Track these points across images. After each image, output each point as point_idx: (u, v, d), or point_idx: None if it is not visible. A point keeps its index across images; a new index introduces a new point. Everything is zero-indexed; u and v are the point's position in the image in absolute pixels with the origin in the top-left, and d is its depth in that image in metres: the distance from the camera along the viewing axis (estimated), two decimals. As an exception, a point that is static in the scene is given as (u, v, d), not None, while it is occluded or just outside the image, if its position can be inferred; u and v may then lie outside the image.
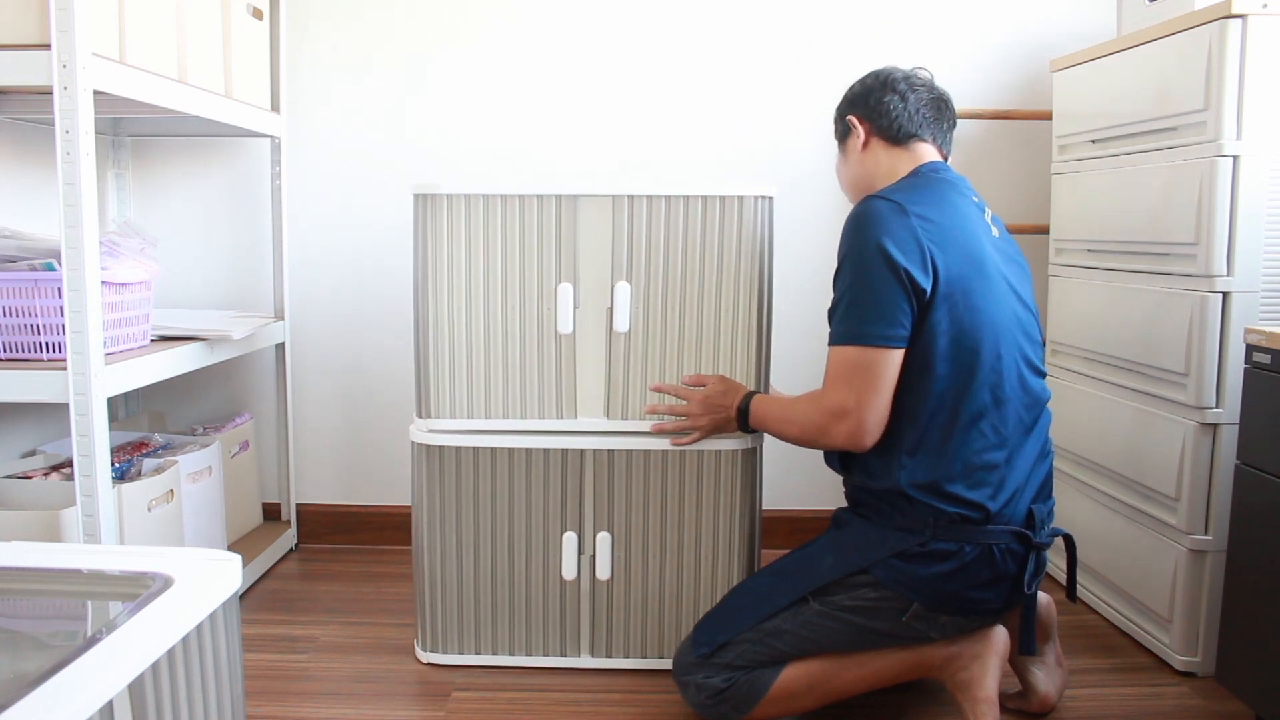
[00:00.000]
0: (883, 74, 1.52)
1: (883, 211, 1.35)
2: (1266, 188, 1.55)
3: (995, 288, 1.37)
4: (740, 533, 1.65)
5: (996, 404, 1.36)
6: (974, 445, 1.35)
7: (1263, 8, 1.51)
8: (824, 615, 1.39)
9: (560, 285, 1.61)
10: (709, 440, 1.62)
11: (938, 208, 1.37)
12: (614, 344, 1.63)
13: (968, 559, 1.34)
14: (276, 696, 1.58)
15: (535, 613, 1.68)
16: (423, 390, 1.65)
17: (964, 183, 1.48)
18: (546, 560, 1.67)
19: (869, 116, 1.51)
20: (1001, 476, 1.36)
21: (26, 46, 1.39)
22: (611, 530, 1.66)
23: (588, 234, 1.60)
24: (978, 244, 1.38)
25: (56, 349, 1.52)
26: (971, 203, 1.44)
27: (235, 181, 2.25)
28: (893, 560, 1.36)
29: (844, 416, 1.35)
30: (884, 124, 1.49)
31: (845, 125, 1.54)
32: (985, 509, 1.34)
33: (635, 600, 1.67)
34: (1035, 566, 1.38)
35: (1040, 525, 1.39)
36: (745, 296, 1.61)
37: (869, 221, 1.35)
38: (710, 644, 1.44)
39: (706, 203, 1.59)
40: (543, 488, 1.65)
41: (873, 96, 1.50)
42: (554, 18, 2.20)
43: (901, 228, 1.33)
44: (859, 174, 1.53)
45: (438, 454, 1.64)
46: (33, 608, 1.04)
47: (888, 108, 1.49)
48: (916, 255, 1.32)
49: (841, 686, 1.42)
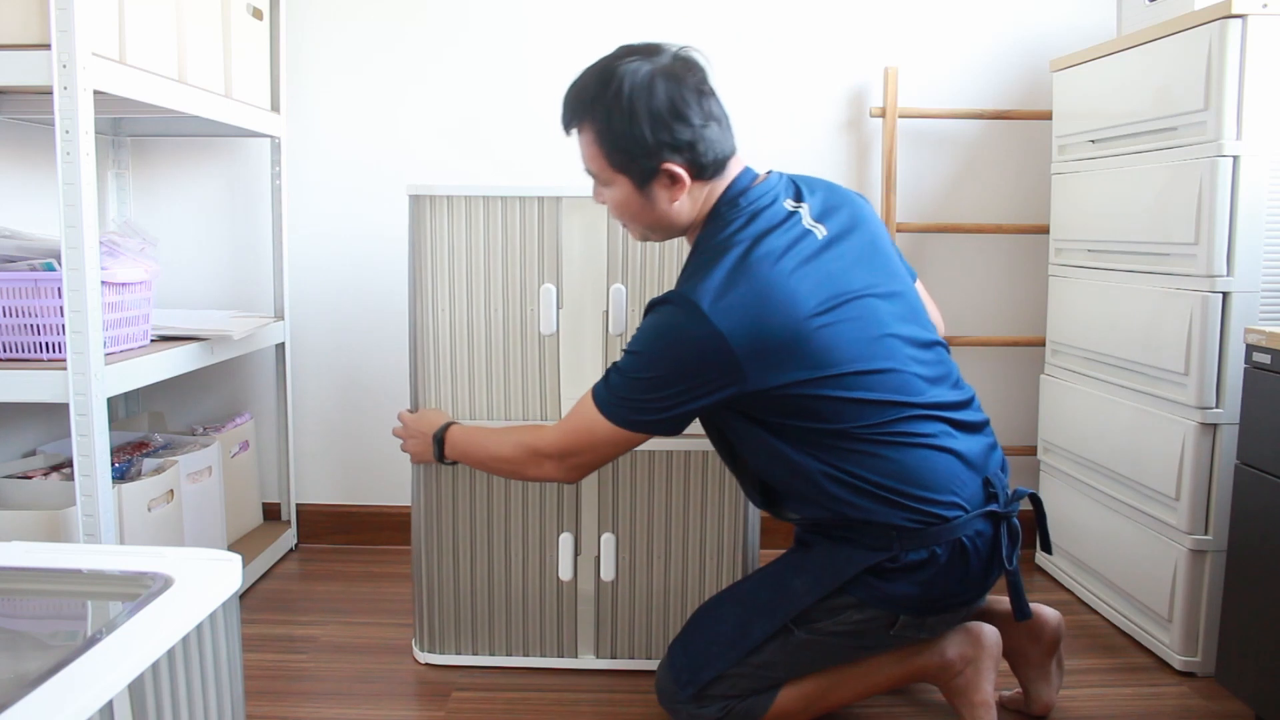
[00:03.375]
0: (670, 85, 1.26)
1: (691, 339, 1.22)
2: (1266, 188, 1.55)
3: (848, 314, 1.25)
4: (738, 533, 1.65)
5: (907, 407, 1.27)
6: (915, 479, 1.27)
7: (1263, 8, 1.51)
8: (812, 642, 1.35)
9: (544, 286, 1.61)
10: (707, 442, 1.61)
11: (750, 287, 1.23)
12: (611, 346, 1.63)
13: (941, 561, 1.28)
14: (276, 696, 1.58)
15: (532, 613, 1.68)
16: (417, 391, 1.65)
17: (770, 193, 1.33)
18: (543, 561, 1.67)
19: (687, 158, 1.28)
20: (952, 494, 1.28)
21: (26, 46, 1.39)
22: (615, 531, 1.66)
23: (583, 235, 1.60)
24: (797, 300, 1.23)
25: (56, 349, 1.52)
26: (784, 225, 1.29)
27: (235, 181, 2.25)
28: (868, 578, 1.30)
29: (552, 460, 1.38)
30: (703, 163, 1.29)
31: (655, 170, 1.28)
32: (944, 517, 1.28)
33: (640, 600, 1.67)
34: (1009, 537, 1.32)
35: (1001, 492, 1.33)
36: None
37: (676, 341, 1.24)
38: (695, 682, 1.38)
39: None
40: (539, 489, 1.65)
41: (679, 125, 1.25)
42: (555, 18, 2.20)
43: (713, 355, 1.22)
44: (671, 219, 1.34)
45: None
46: (33, 608, 1.04)
47: (703, 138, 1.27)
48: (718, 382, 1.24)
49: (838, 700, 1.41)
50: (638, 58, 1.28)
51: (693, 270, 1.30)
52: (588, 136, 1.32)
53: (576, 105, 1.32)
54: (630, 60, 1.28)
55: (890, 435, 1.27)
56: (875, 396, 1.26)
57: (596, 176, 1.35)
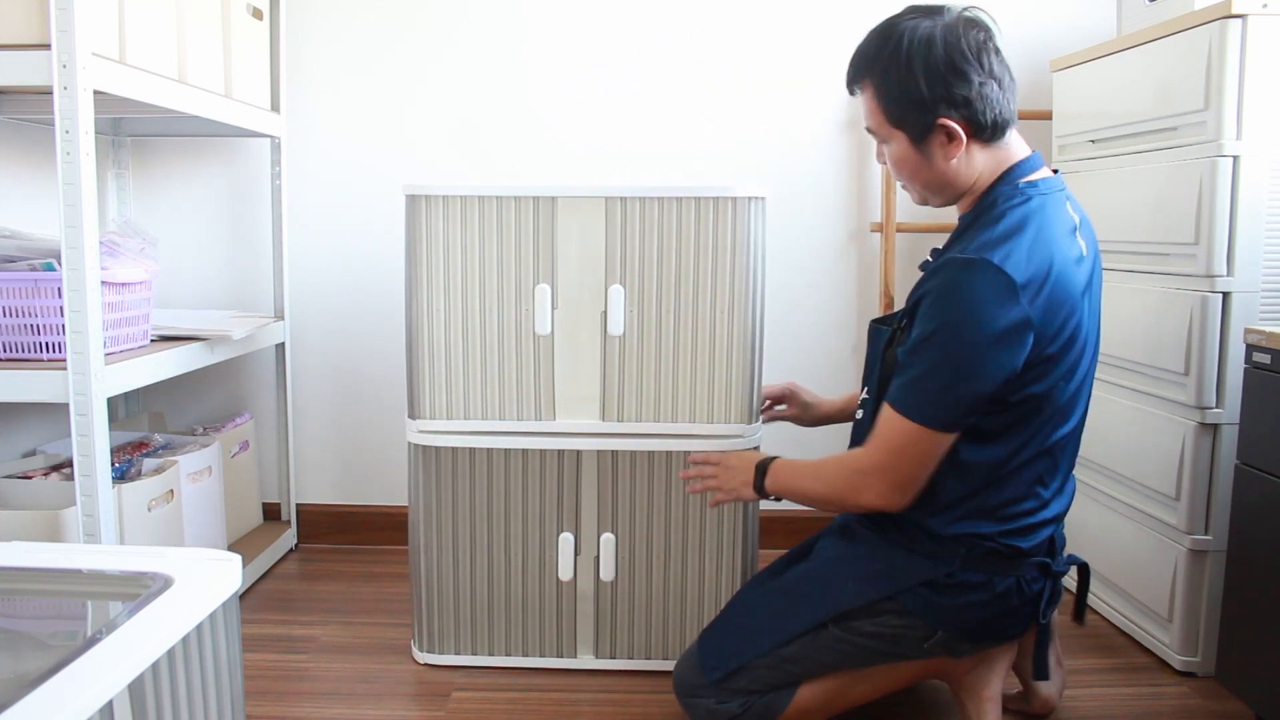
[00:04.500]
0: (950, 40, 1.25)
1: (990, 296, 1.19)
2: (1266, 188, 1.55)
3: (1084, 339, 1.27)
4: (738, 533, 1.65)
5: (1062, 452, 1.31)
6: (1020, 492, 1.29)
7: (1263, 8, 1.51)
8: (843, 641, 1.35)
9: (538, 286, 1.61)
10: (706, 440, 1.61)
11: (1045, 261, 1.21)
12: (609, 347, 1.63)
13: (997, 590, 1.30)
14: (276, 696, 1.58)
15: (531, 613, 1.68)
16: (414, 391, 1.65)
17: (1061, 195, 1.31)
18: (543, 561, 1.67)
19: (964, 114, 1.26)
20: (1040, 517, 1.31)
21: (26, 46, 1.39)
22: (615, 531, 1.66)
23: (580, 236, 1.60)
24: (1074, 297, 1.24)
25: (56, 349, 1.52)
26: (1069, 229, 1.28)
27: (235, 181, 2.25)
28: (921, 589, 1.30)
29: (879, 474, 1.27)
30: (981, 121, 1.26)
31: (930, 126, 1.27)
32: (1019, 549, 1.30)
33: (639, 601, 1.67)
34: (1051, 594, 1.34)
35: (1059, 550, 1.36)
36: (739, 298, 1.60)
37: (973, 302, 1.19)
38: (722, 668, 1.38)
39: (699, 204, 1.58)
40: (538, 489, 1.65)
41: (957, 81, 1.24)
42: (554, 18, 2.20)
43: (1009, 314, 1.19)
44: (948, 179, 1.32)
45: (433, 454, 1.65)
46: (33, 608, 1.04)
47: (982, 96, 1.25)
48: (1018, 346, 1.20)
49: (856, 699, 1.41)
50: (920, 15, 1.29)
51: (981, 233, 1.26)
52: (868, 93, 1.32)
53: (859, 63, 1.33)
54: (912, 18, 1.29)
55: (1041, 451, 1.29)
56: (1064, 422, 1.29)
57: (876, 133, 1.35)
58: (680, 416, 1.63)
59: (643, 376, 1.63)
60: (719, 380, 1.62)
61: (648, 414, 1.63)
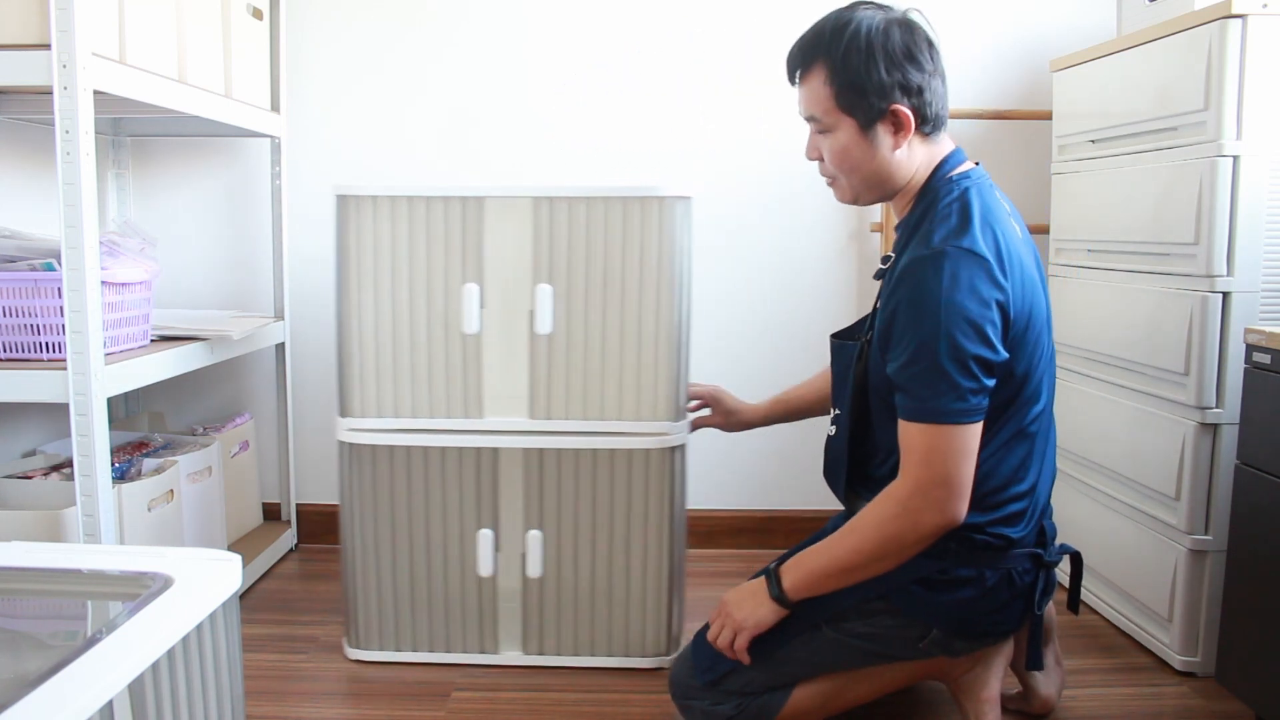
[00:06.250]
0: (904, 31, 1.28)
1: (968, 280, 1.20)
2: (1266, 188, 1.55)
3: (1042, 315, 1.30)
4: (665, 530, 1.66)
5: (1039, 433, 1.32)
6: (1005, 478, 1.30)
7: (1263, 8, 1.51)
8: (837, 642, 1.35)
9: (466, 285, 1.61)
10: (632, 438, 1.63)
11: (1001, 241, 1.24)
12: (537, 346, 1.63)
13: (989, 584, 1.30)
14: (276, 696, 1.58)
15: (454, 609, 1.69)
16: (344, 389, 1.66)
17: (989, 183, 1.35)
18: (464, 557, 1.68)
19: (915, 103, 1.28)
20: (1028, 504, 1.32)
21: (26, 46, 1.39)
22: (543, 528, 1.66)
23: (507, 235, 1.60)
24: (1030, 274, 1.28)
25: (56, 349, 1.52)
26: (1006, 213, 1.31)
27: (235, 181, 2.25)
28: (913, 587, 1.31)
29: (933, 487, 1.22)
30: (927, 112, 1.29)
31: (882, 111, 1.27)
32: (1009, 538, 1.31)
33: (566, 597, 1.68)
34: (1044, 585, 1.35)
35: (1050, 541, 1.37)
36: (665, 297, 1.61)
37: (954, 289, 1.20)
38: (714, 670, 1.38)
39: (626, 203, 1.59)
40: (460, 486, 1.66)
41: (912, 68, 1.26)
42: (554, 18, 2.20)
43: (991, 293, 1.21)
44: (889, 170, 1.32)
45: (363, 452, 1.67)
46: (33, 608, 1.04)
47: (930, 88, 1.28)
48: (999, 323, 1.22)
49: (852, 700, 1.41)
50: (871, 8, 1.31)
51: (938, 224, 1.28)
52: (817, 78, 1.30)
53: (811, 47, 1.32)
54: (864, 9, 1.31)
55: (1019, 432, 1.30)
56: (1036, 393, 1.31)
57: (819, 121, 1.33)
58: (608, 414, 1.63)
59: (570, 374, 1.63)
60: (645, 378, 1.63)
61: (575, 411, 1.64)
